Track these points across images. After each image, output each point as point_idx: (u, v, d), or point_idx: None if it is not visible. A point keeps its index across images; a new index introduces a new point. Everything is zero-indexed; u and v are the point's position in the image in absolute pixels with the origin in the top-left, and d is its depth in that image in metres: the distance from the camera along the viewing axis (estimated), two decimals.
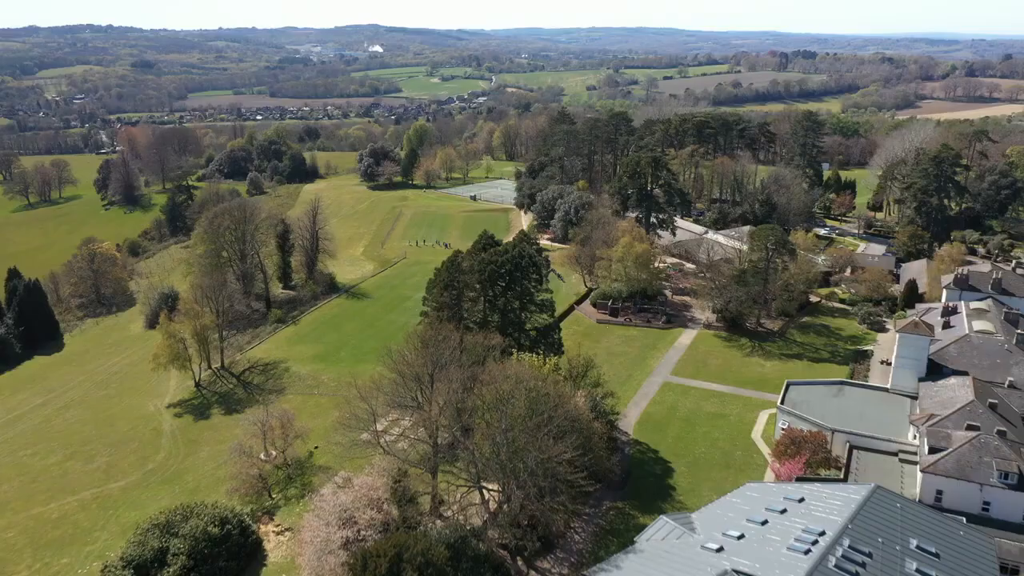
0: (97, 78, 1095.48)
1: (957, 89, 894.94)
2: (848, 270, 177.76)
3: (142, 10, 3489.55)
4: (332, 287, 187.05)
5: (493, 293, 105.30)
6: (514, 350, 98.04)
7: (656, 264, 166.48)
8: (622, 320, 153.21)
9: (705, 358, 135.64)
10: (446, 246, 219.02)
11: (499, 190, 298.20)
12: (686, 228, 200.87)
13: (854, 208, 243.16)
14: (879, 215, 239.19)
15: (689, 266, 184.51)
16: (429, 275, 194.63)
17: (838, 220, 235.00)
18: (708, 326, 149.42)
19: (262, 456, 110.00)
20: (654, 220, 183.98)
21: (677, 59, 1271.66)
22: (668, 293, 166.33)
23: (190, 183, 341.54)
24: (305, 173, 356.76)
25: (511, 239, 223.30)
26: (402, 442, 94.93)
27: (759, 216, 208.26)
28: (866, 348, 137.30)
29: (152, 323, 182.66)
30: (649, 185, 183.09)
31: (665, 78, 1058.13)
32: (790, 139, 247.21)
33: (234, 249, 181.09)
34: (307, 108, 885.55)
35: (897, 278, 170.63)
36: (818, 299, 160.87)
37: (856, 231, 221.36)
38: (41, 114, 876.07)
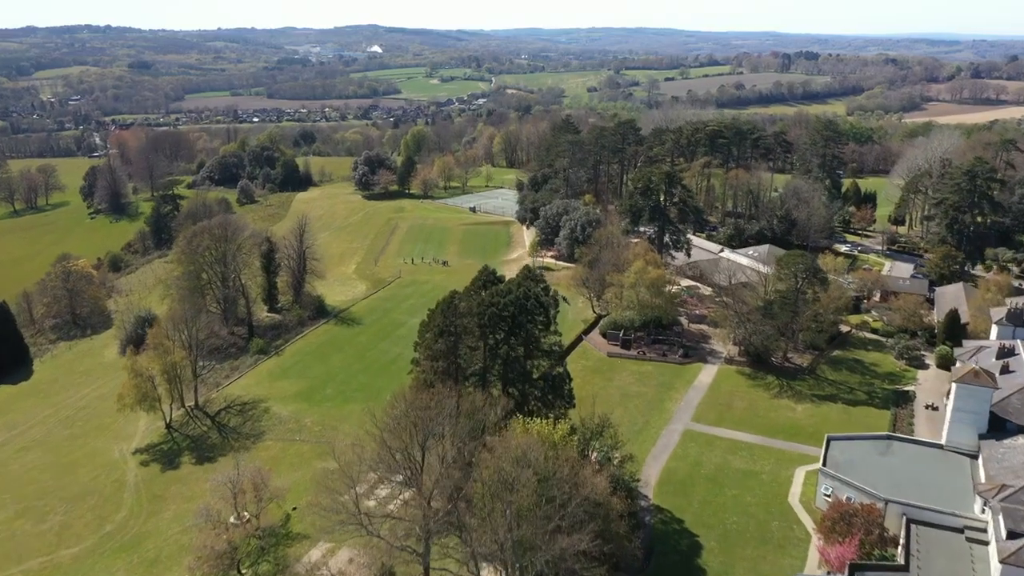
0: (93, 79, 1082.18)
1: (963, 91, 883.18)
2: (877, 294, 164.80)
3: (141, 10, 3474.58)
4: (320, 311, 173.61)
5: (495, 339, 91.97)
6: (519, 414, 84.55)
7: (670, 288, 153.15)
8: (635, 353, 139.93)
9: (729, 400, 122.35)
10: (444, 264, 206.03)
11: (500, 200, 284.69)
12: (700, 246, 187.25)
13: (874, 221, 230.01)
14: (901, 229, 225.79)
15: (705, 289, 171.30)
16: (425, 297, 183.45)
17: (858, 235, 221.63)
18: (730, 361, 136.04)
19: (232, 520, 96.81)
20: (668, 240, 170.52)
21: (678, 60, 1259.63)
22: (684, 321, 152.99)
23: (176, 192, 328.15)
24: (298, 181, 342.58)
25: (513, 258, 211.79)
26: (388, 520, 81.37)
27: (777, 233, 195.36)
28: (907, 389, 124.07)
29: (127, 349, 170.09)
30: (663, 202, 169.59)
31: (667, 79, 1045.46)
32: (808, 149, 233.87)
33: (214, 271, 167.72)
34: (304, 110, 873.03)
35: (931, 303, 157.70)
36: (849, 328, 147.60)
37: (879, 247, 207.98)
38: (35, 116, 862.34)
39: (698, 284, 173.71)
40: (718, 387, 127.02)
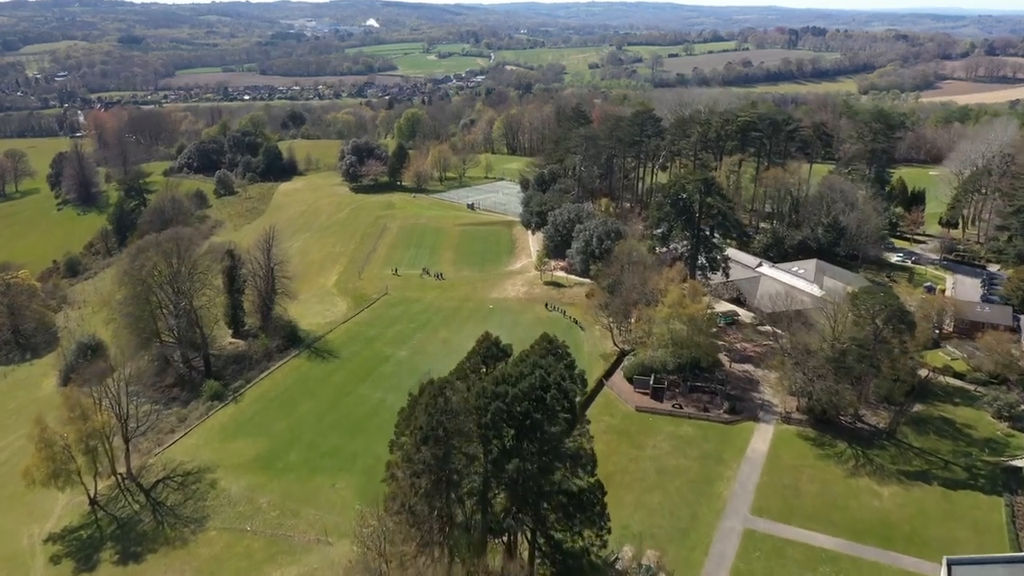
0: (81, 54, 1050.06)
1: (979, 69, 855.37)
2: (949, 323, 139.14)
3: None
4: (292, 338, 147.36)
5: (500, 446, 66.31)
6: (532, 540, 58.78)
7: (706, 312, 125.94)
8: (669, 407, 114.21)
9: (795, 480, 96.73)
10: (438, 277, 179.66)
11: (500, 195, 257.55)
12: (734, 259, 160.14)
13: (922, 223, 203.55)
14: (954, 233, 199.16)
15: (744, 315, 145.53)
16: (415, 321, 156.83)
17: (908, 241, 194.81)
18: (787, 419, 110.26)
19: None
20: (703, 260, 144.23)
21: (681, 35, 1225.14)
22: (725, 360, 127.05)
23: (146, 183, 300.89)
24: (281, 169, 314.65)
25: (517, 268, 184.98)
26: None
27: (823, 244, 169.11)
28: (1018, 464, 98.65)
29: (68, 380, 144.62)
30: (698, 215, 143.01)
31: (670, 55, 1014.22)
32: (853, 143, 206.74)
33: (165, 294, 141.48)
34: (297, 87, 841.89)
35: (1017, 332, 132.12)
36: (927, 372, 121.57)
37: (935, 257, 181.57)
38: (19, 93, 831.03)
39: (736, 309, 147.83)
40: (778, 459, 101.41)
